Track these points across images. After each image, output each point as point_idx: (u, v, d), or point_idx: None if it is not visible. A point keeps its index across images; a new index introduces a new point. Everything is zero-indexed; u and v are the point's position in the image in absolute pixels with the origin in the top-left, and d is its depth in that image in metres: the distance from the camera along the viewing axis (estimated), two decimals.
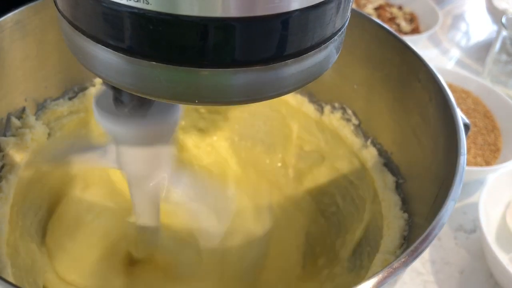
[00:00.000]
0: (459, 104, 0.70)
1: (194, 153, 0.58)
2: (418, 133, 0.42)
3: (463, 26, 1.02)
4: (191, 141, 0.58)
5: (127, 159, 0.36)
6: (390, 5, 0.96)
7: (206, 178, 0.53)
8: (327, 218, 0.52)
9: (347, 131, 0.50)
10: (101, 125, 0.33)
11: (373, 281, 0.26)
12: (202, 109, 0.56)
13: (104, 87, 0.33)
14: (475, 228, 0.59)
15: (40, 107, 0.46)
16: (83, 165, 0.45)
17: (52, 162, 0.45)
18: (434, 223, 0.29)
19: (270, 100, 0.24)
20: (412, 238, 0.38)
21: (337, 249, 0.48)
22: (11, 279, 0.35)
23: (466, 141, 0.35)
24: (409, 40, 0.74)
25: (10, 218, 0.40)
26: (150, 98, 0.24)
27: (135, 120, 0.32)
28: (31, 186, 0.44)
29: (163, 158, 0.36)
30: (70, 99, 0.48)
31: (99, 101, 0.33)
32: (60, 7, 0.24)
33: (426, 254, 0.55)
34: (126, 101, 0.31)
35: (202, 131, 0.58)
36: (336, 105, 0.51)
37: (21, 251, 0.40)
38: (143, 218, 0.40)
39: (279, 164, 0.57)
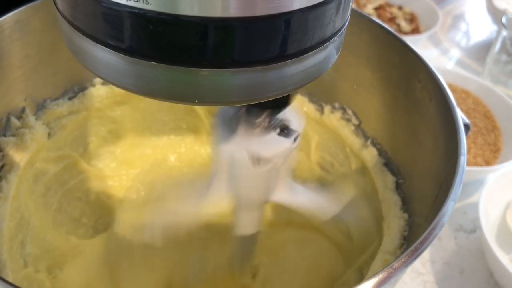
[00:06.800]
0: (459, 104, 0.70)
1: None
2: (418, 133, 0.42)
3: (463, 26, 1.02)
4: None
5: (247, 182, 0.34)
6: (390, 5, 0.96)
7: None
8: None
9: (347, 131, 0.50)
10: (222, 148, 0.32)
11: (373, 281, 0.26)
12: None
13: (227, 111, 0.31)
14: (475, 228, 0.59)
15: (40, 107, 0.46)
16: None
17: None
18: (434, 223, 0.29)
19: None
20: (412, 238, 0.38)
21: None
22: (10, 279, 0.35)
23: (466, 141, 0.35)
24: (409, 40, 0.74)
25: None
26: (150, 98, 0.24)
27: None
28: None
29: (278, 177, 0.35)
30: (70, 99, 0.48)
31: (224, 124, 0.31)
32: (59, 7, 0.24)
33: (426, 254, 0.55)
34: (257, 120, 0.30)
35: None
36: (336, 105, 0.51)
37: None
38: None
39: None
